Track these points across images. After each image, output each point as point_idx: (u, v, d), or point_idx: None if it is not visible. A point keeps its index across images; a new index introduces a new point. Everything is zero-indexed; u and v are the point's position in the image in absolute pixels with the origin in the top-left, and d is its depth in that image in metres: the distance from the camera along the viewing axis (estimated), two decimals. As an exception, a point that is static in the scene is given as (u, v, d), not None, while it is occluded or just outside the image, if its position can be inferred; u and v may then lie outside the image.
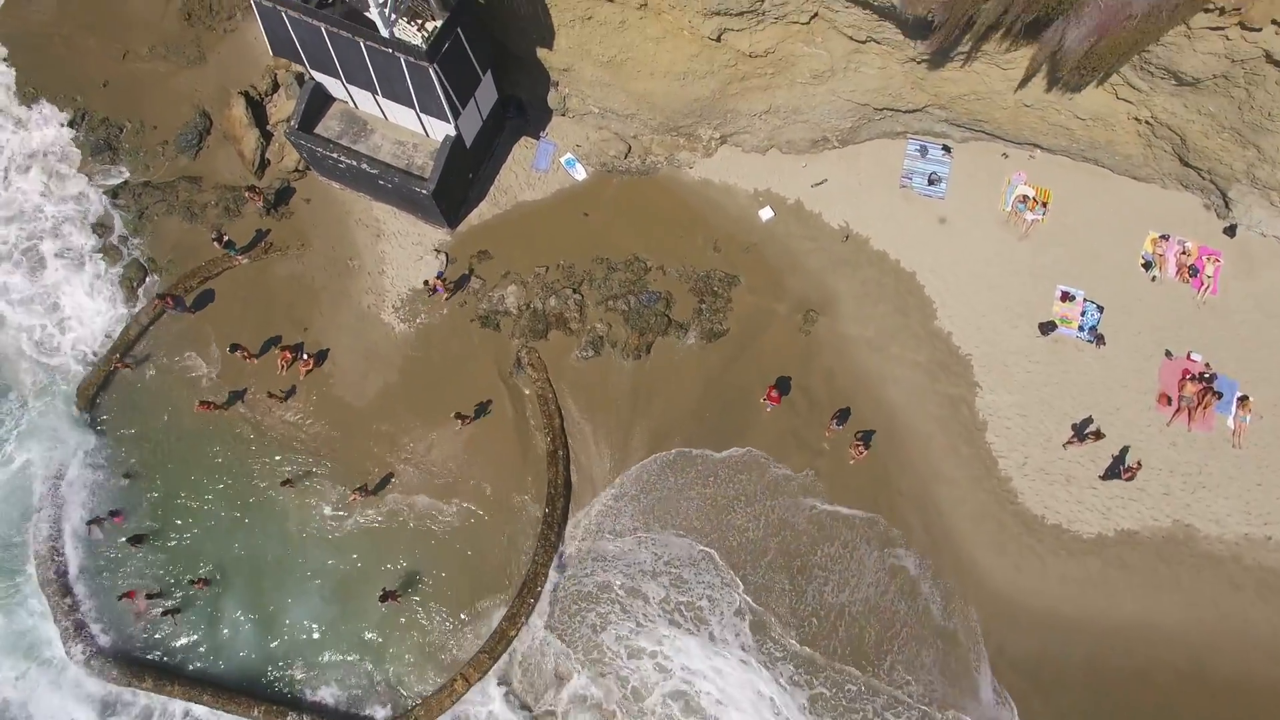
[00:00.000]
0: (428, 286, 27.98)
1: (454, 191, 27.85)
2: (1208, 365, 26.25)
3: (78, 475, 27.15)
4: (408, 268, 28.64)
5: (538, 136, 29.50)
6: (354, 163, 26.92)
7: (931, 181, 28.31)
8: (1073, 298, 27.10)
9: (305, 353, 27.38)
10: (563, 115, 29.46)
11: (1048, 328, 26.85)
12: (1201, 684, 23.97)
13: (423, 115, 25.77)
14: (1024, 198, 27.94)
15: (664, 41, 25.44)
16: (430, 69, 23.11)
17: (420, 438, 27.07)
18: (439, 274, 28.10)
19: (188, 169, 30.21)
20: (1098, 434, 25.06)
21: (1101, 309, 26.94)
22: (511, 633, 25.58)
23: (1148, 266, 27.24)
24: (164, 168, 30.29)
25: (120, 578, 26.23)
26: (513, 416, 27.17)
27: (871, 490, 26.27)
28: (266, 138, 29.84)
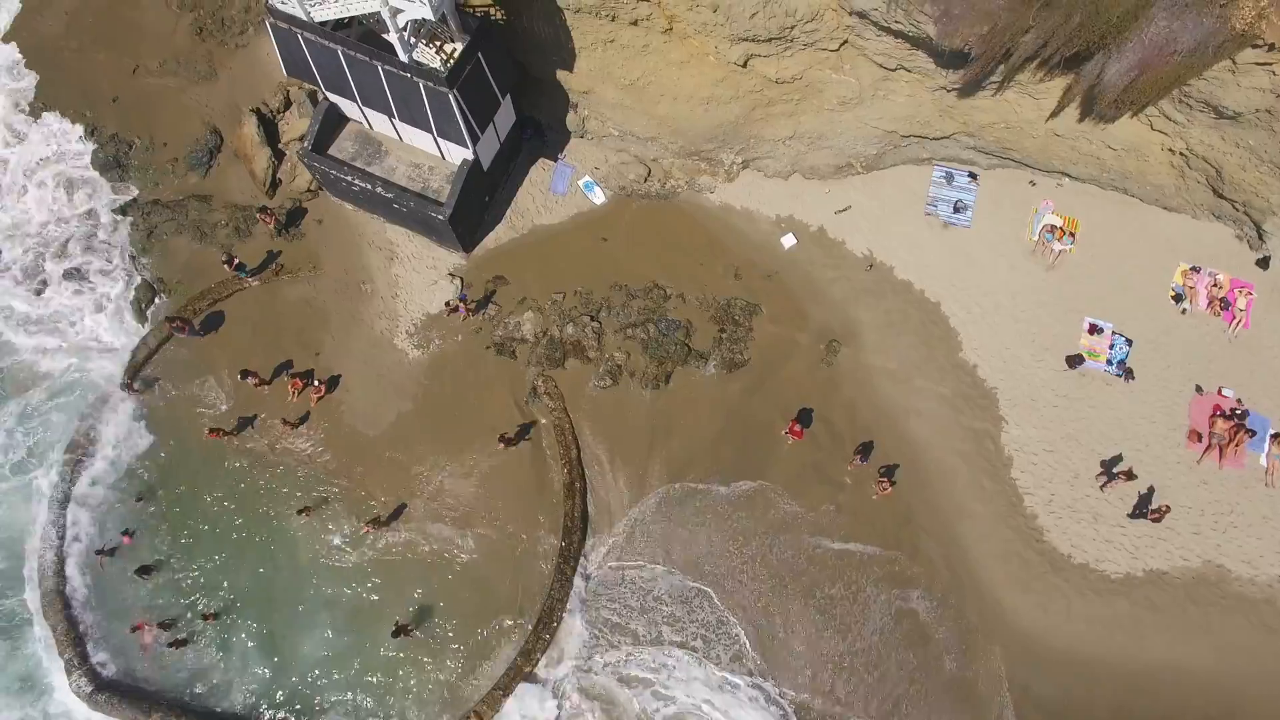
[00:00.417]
0: (449, 307, 27.46)
1: (470, 215, 27.32)
2: (1239, 401, 25.67)
3: (86, 498, 26.61)
4: (422, 292, 28.10)
5: (555, 159, 28.96)
6: (369, 186, 26.38)
7: (957, 209, 27.73)
8: (1101, 330, 26.52)
9: (317, 379, 26.84)
10: (581, 137, 28.92)
11: (1075, 361, 26.28)
12: (1233, 733, 23.42)
13: (440, 140, 25.21)
14: (1051, 227, 27.36)
15: (688, 66, 24.91)
16: (450, 95, 22.57)
17: (434, 467, 26.54)
18: (462, 295, 27.58)
19: (198, 187, 29.68)
20: (1129, 474, 24.49)
21: (1130, 342, 26.37)
22: (526, 668, 25.06)
23: (1178, 299, 26.66)
24: (174, 186, 29.77)
25: (128, 609, 25.69)
26: (528, 447, 26.63)
27: (894, 526, 25.74)
28: (278, 157, 29.29)
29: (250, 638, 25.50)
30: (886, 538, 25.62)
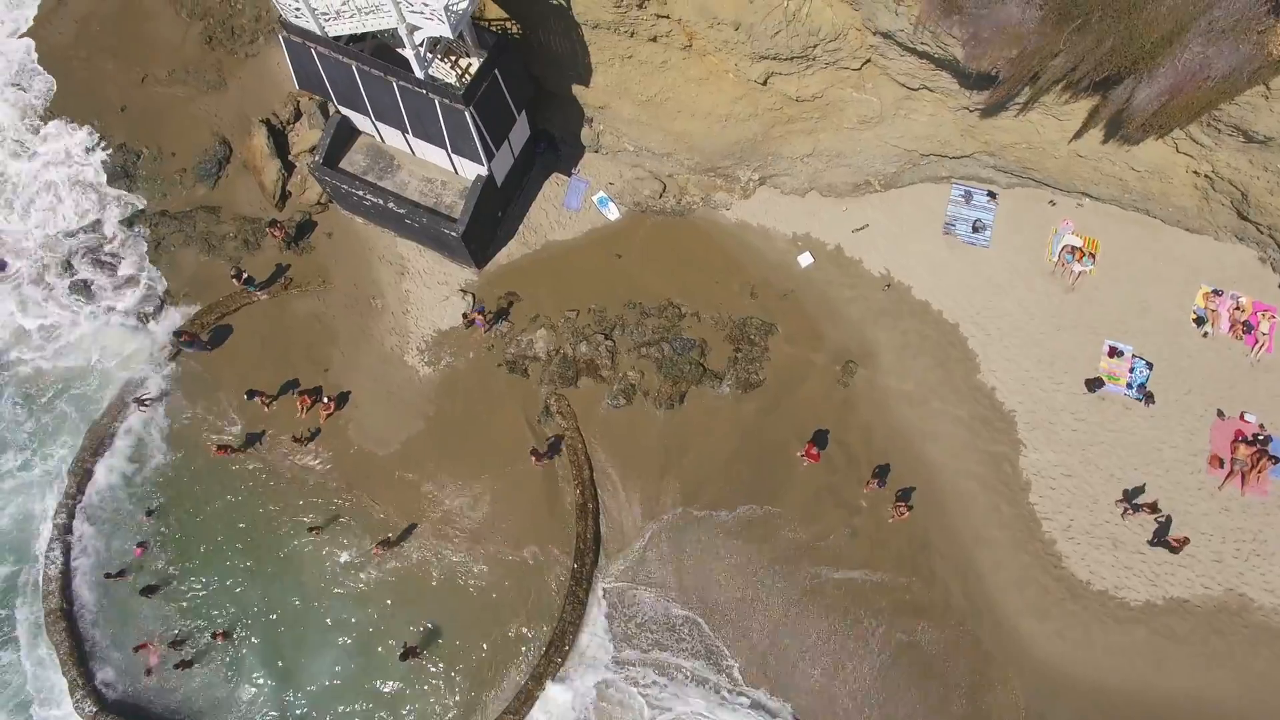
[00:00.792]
0: (466, 319, 27.10)
1: (483, 231, 26.92)
2: (1262, 427, 25.29)
3: (91, 514, 26.22)
4: (433, 308, 27.70)
5: (569, 173, 28.56)
6: (381, 201, 25.98)
7: (976, 229, 27.36)
8: (1121, 353, 26.16)
9: (326, 396, 26.43)
10: (596, 152, 28.52)
11: (1095, 384, 25.90)
12: (1256, 766, 23.12)
13: (454, 156, 24.81)
14: (1071, 248, 26.99)
15: (707, 83, 24.53)
16: (466, 112, 22.17)
17: (444, 487, 26.14)
18: (479, 307, 27.19)
19: (206, 198, 29.27)
20: (1153, 507, 24.09)
21: (1151, 366, 26.00)
22: (537, 692, 24.68)
23: (1199, 322, 26.29)
24: (181, 197, 29.35)
25: (133, 628, 25.30)
26: (540, 467, 26.19)
27: (910, 551, 25.37)
28: (288, 169, 28.90)
29: (255, 660, 25.11)
30: (902, 563, 25.25)
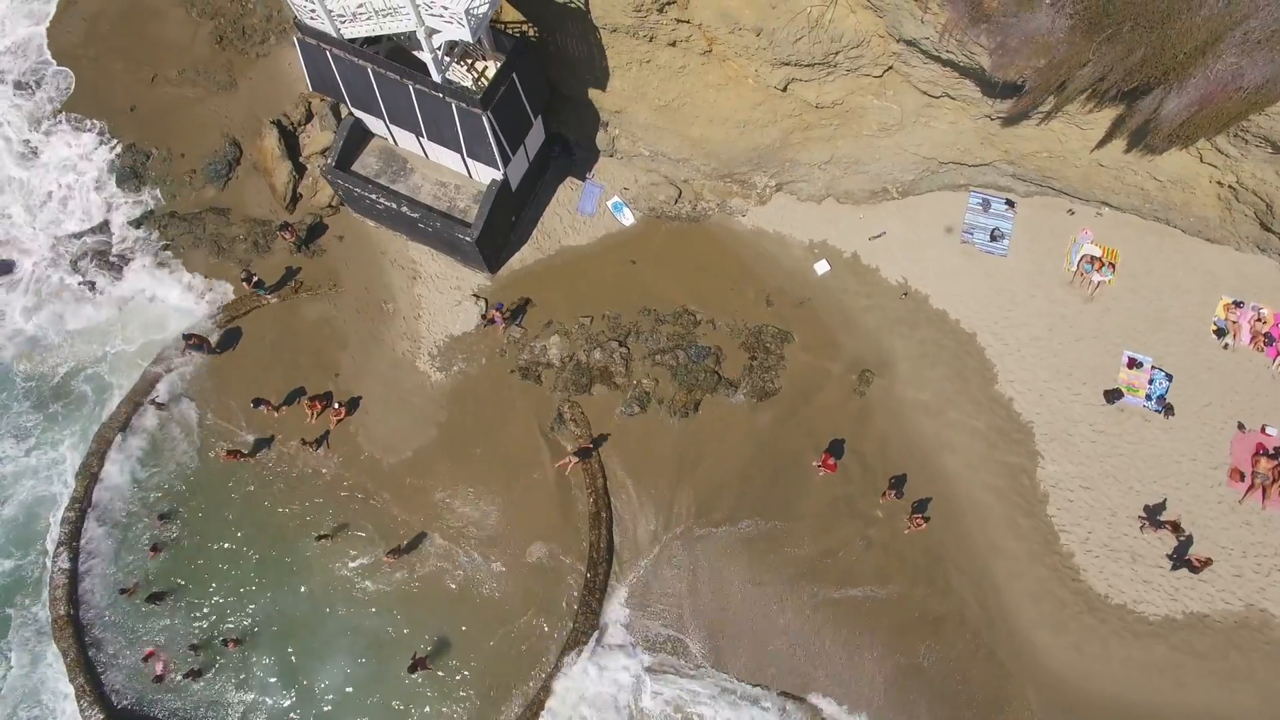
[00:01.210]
0: (485, 319, 26.86)
1: (497, 236, 26.64)
2: (1283, 440, 25.05)
3: (101, 516, 25.94)
4: (445, 313, 27.41)
5: (584, 178, 28.28)
6: (394, 204, 25.70)
7: (994, 238, 27.08)
8: (1140, 365, 25.88)
9: (337, 402, 26.14)
10: (611, 156, 28.24)
11: (1113, 395, 25.62)
12: (1277, 786, 22.86)
13: (469, 160, 24.53)
14: (1090, 257, 26.71)
15: (725, 89, 24.26)
16: (484, 117, 21.89)
17: (456, 495, 25.85)
18: (498, 305, 26.90)
19: (216, 200, 28.99)
20: (1175, 526, 23.78)
21: (1170, 377, 25.73)
22: (549, 701, 24.37)
23: (1220, 333, 26.02)
24: (191, 198, 29.08)
25: (140, 637, 25.03)
26: (553, 474, 25.94)
27: (925, 563, 25.08)
28: (299, 171, 28.60)
29: (263, 670, 24.81)
30: (918, 574, 24.96)
